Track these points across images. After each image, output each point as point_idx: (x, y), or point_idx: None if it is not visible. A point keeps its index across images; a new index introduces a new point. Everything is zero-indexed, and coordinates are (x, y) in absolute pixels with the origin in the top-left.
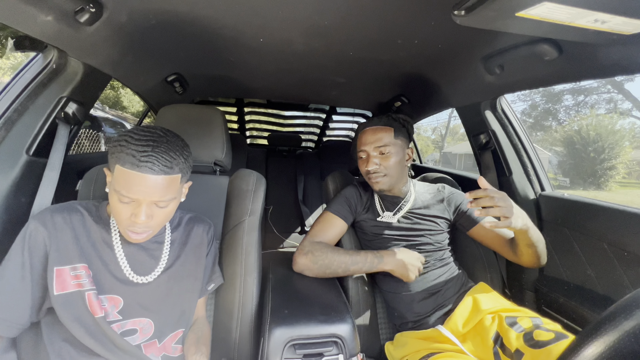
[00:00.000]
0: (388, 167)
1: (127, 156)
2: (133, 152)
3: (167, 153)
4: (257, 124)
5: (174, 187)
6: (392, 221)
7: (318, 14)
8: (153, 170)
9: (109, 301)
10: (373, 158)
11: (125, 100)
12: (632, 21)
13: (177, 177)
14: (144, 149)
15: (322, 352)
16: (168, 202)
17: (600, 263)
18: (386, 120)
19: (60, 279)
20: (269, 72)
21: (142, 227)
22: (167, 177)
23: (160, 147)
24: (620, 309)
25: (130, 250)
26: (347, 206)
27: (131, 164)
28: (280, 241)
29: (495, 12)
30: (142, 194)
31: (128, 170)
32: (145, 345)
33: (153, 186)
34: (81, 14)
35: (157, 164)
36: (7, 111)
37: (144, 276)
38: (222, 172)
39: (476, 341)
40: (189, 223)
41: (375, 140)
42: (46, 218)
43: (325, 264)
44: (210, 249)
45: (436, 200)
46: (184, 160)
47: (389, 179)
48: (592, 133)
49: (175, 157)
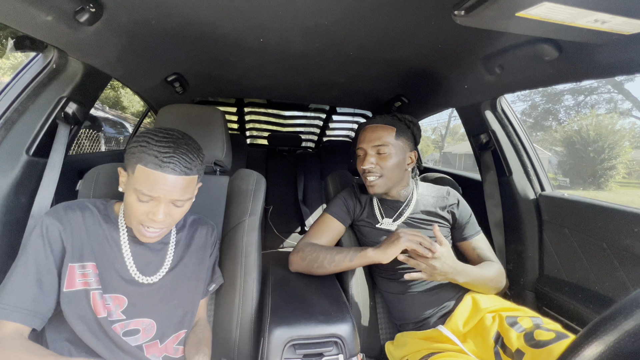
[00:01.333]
0: (384, 168)
1: (150, 156)
2: (156, 152)
3: (187, 155)
4: (257, 124)
5: (192, 187)
6: (392, 228)
7: (318, 14)
8: (175, 171)
9: (113, 300)
10: (370, 157)
11: (125, 100)
12: (632, 21)
13: (195, 178)
14: (166, 150)
15: (322, 352)
16: (185, 201)
17: (600, 263)
18: (389, 119)
19: (70, 276)
20: (269, 72)
21: (159, 225)
22: (187, 177)
23: (181, 149)
24: (620, 309)
25: (137, 250)
26: (345, 208)
27: (154, 164)
28: (280, 241)
29: (495, 12)
30: (164, 192)
31: (151, 170)
32: (147, 345)
33: (173, 186)
34: (81, 14)
35: (178, 165)
36: (7, 111)
37: (150, 276)
38: (222, 172)
39: (477, 341)
40: (193, 225)
41: (375, 138)
42: (60, 214)
43: (313, 257)
44: (213, 251)
45: (439, 206)
46: (200, 162)
47: (385, 181)
48: (592, 133)
49: (193, 159)
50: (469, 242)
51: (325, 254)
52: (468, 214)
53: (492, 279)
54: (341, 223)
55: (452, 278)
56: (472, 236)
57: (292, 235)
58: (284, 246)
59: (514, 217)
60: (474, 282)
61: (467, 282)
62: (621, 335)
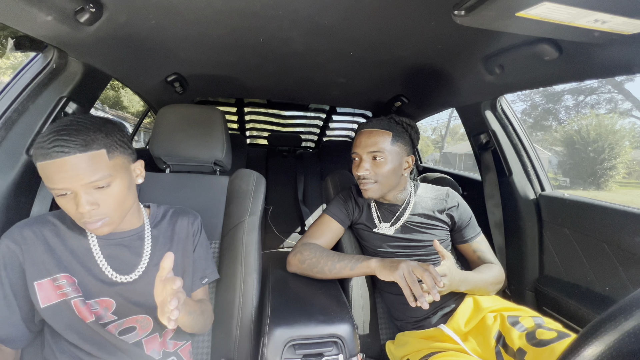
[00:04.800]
0: (379, 175)
1: (38, 150)
2: (41, 144)
3: (76, 131)
4: (257, 124)
5: (101, 164)
6: (389, 233)
7: (318, 14)
8: (64, 152)
9: (100, 304)
10: (364, 163)
11: (125, 100)
12: (632, 21)
13: (101, 152)
14: (48, 137)
15: (322, 352)
16: (104, 181)
17: (600, 263)
18: (386, 122)
19: (43, 292)
20: (269, 72)
21: (92, 216)
22: (85, 154)
23: (67, 130)
24: (620, 309)
25: (111, 251)
26: (344, 210)
27: (42, 155)
28: (280, 241)
29: (495, 12)
30: (67, 180)
31: (43, 163)
32: (146, 340)
33: (72, 168)
34: (81, 14)
35: (67, 144)
36: (7, 111)
37: (128, 274)
38: (222, 172)
39: (478, 340)
40: (173, 217)
41: (370, 144)
42: (15, 234)
43: (313, 262)
44: (199, 241)
45: (437, 209)
46: (104, 135)
47: (380, 187)
48: (592, 133)
49: (88, 134)
50: (469, 245)
51: (326, 260)
52: (468, 216)
53: (492, 283)
54: (340, 224)
55: (456, 288)
56: (472, 238)
57: (292, 235)
58: (284, 246)
59: (514, 217)
60: (475, 288)
61: (468, 290)
62: (621, 335)
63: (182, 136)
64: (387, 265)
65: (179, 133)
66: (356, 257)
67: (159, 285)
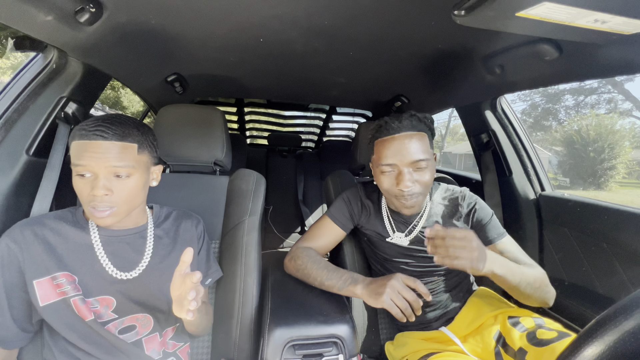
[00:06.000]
0: (423, 184)
1: (78, 131)
2: (83, 127)
3: (118, 123)
4: (257, 124)
5: (129, 155)
6: (404, 244)
7: (318, 14)
8: (104, 137)
9: (100, 303)
10: (406, 175)
11: (125, 100)
12: (632, 21)
13: (133, 146)
14: (93, 122)
15: (322, 353)
16: (126, 170)
17: (600, 263)
18: (416, 121)
19: (43, 291)
20: (269, 72)
21: (103, 201)
22: (120, 143)
23: (110, 120)
24: (620, 309)
25: (113, 248)
26: (348, 213)
27: (81, 135)
28: (280, 241)
29: (495, 12)
30: (95, 160)
31: (80, 141)
32: (146, 339)
33: (105, 151)
34: (81, 14)
35: (107, 131)
36: (7, 111)
37: (130, 271)
38: (222, 172)
39: (477, 341)
40: (177, 219)
41: (413, 152)
42: (15, 233)
43: (305, 273)
44: (203, 244)
45: (452, 216)
46: (140, 133)
47: (423, 198)
48: (592, 133)
49: (127, 128)
50: (495, 246)
51: (316, 274)
52: (488, 214)
53: (535, 280)
54: (341, 229)
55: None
56: (497, 239)
57: (292, 235)
58: (284, 246)
59: (514, 217)
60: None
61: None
62: (621, 335)
63: (182, 136)
64: (372, 292)
65: (179, 133)
66: (344, 278)
67: (178, 280)
